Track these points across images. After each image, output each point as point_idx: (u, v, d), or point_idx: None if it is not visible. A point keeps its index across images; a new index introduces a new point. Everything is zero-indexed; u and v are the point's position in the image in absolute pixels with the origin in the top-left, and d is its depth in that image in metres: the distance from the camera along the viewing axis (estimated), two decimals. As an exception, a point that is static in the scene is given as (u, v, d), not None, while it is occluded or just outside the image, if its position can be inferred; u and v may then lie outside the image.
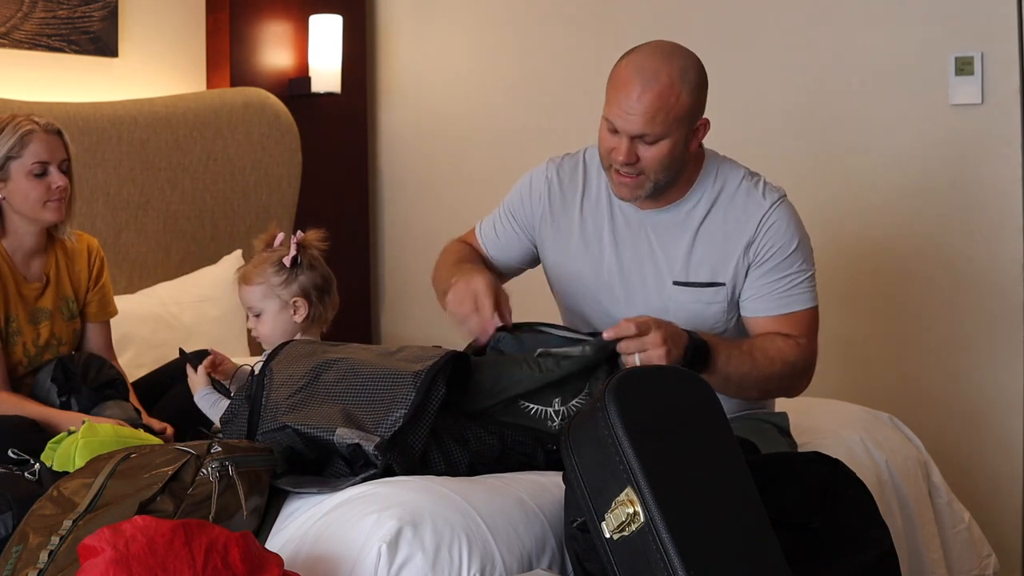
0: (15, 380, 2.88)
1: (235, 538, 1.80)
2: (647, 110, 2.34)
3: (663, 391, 1.99)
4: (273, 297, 2.60)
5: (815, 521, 2.08)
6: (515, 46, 4.32)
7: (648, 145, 2.37)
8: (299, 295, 2.60)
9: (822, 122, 3.65)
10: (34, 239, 2.93)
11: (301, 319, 2.60)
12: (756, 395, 2.53)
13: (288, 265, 2.60)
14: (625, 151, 2.37)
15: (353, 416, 2.14)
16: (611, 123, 2.39)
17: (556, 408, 2.25)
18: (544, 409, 2.25)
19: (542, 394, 2.25)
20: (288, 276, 2.60)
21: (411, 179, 4.64)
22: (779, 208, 2.48)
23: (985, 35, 3.34)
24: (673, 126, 2.36)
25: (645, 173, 2.41)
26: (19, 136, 2.83)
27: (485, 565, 1.94)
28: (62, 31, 3.93)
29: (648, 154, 2.38)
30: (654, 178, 2.42)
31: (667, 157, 2.39)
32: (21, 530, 2.01)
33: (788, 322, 2.47)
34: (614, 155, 2.40)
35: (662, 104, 2.34)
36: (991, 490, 3.38)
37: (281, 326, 2.60)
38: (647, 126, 2.35)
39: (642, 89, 2.34)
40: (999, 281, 3.37)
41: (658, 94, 2.34)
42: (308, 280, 2.61)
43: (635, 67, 2.37)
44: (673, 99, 2.35)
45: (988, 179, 3.38)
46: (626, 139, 2.37)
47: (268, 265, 2.61)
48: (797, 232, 2.49)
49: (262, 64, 4.34)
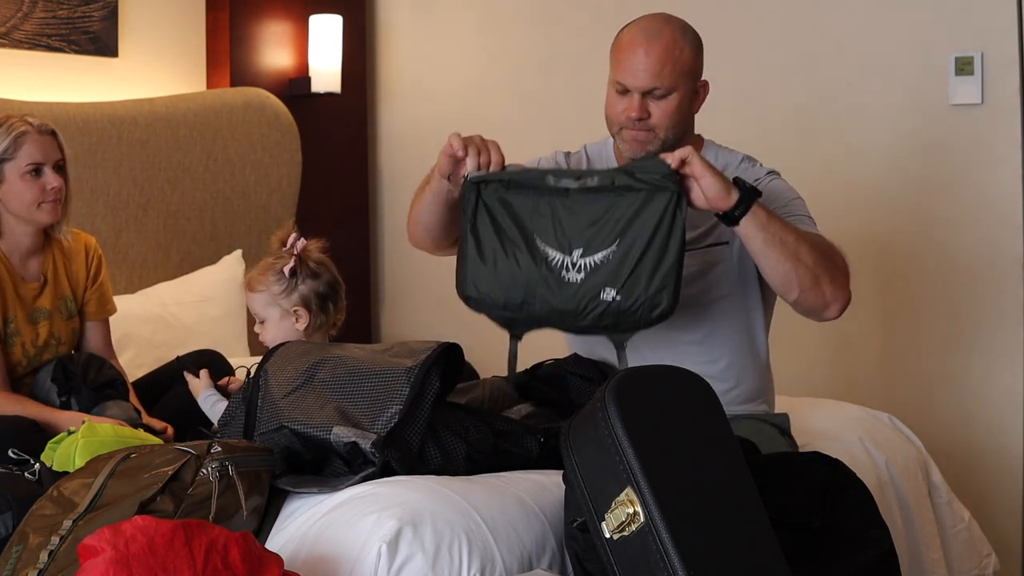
0: (15, 380, 2.88)
1: (235, 538, 1.80)
2: (655, 63, 2.44)
3: (663, 391, 1.99)
4: (274, 305, 2.62)
5: (815, 521, 2.08)
6: (515, 46, 4.32)
7: (658, 100, 2.46)
8: (299, 304, 2.61)
9: (822, 122, 3.65)
10: (31, 239, 2.93)
11: (303, 327, 2.61)
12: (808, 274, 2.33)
13: (288, 275, 2.61)
14: (637, 106, 2.45)
15: (349, 414, 2.14)
16: (621, 84, 2.47)
17: (575, 260, 2.24)
18: (564, 258, 2.25)
19: (564, 234, 2.25)
20: (288, 286, 2.61)
21: (411, 179, 4.60)
22: (777, 176, 2.57)
23: (985, 35, 3.34)
24: (680, 79, 2.46)
25: (655, 130, 2.48)
26: (12, 137, 2.83)
27: (485, 565, 1.94)
28: (62, 31, 3.93)
29: (658, 110, 2.46)
30: (664, 135, 2.48)
31: (676, 112, 2.47)
32: (21, 530, 2.02)
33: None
34: (626, 113, 2.47)
35: (668, 56, 2.44)
36: (991, 490, 3.38)
37: (283, 333, 2.61)
38: (656, 79, 2.44)
39: (648, 45, 2.45)
40: (999, 281, 3.37)
41: (664, 47, 2.45)
42: (309, 289, 2.62)
43: (638, 29, 2.50)
44: (678, 52, 2.46)
45: (988, 179, 3.37)
46: (637, 95, 2.46)
47: (270, 274, 2.63)
48: (795, 191, 2.55)
49: (262, 64, 4.34)
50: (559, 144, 2.84)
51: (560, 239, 2.26)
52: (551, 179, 2.29)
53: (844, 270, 2.44)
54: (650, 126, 2.47)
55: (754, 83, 3.72)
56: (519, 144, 4.26)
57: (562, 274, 2.25)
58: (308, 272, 2.63)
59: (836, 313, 2.43)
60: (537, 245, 2.27)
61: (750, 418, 2.55)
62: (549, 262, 2.26)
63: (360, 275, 4.59)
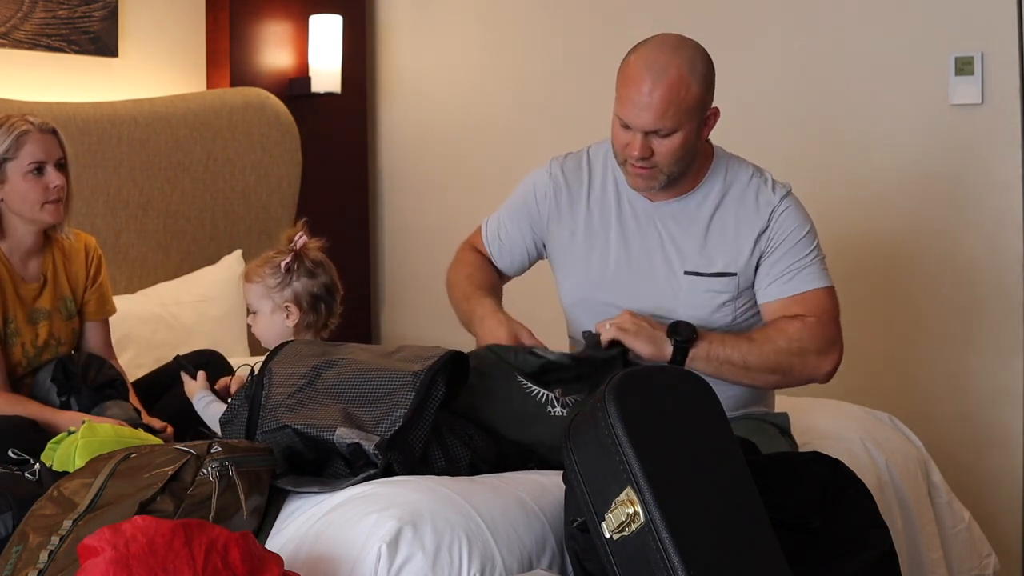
0: (15, 380, 2.88)
1: (235, 538, 1.80)
2: (659, 105, 2.37)
3: (663, 391, 1.99)
4: (267, 298, 2.63)
5: (815, 521, 2.08)
6: (515, 45, 4.32)
7: (661, 139, 2.41)
8: (291, 300, 2.61)
9: (822, 122, 3.65)
10: (32, 239, 2.93)
11: (292, 324, 2.61)
12: (763, 379, 2.47)
13: (283, 270, 2.61)
14: (639, 146, 2.41)
15: (353, 416, 2.15)
16: (623, 120, 2.42)
17: (558, 396, 2.27)
18: (546, 393, 2.27)
19: (542, 377, 2.29)
20: (283, 280, 2.62)
21: (411, 179, 4.64)
22: (788, 199, 2.54)
23: (985, 35, 3.34)
24: (684, 118, 2.39)
25: (659, 166, 2.44)
26: (14, 137, 2.83)
27: (485, 565, 1.94)
28: (62, 31, 3.93)
29: (662, 148, 2.42)
30: (667, 171, 2.46)
31: (680, 149, 2.43)
32: (21, 530, 2.01)
33: (797, 303, 2.49)
34: (628, 151, 2.43)
35: (673, 98, 2.37)
36: (991, 490, 3.38)
37: (273, 328, 2.62)
38: (659, 121, 2.38)
39: (652, 85, 2.37)
40: (999, 281, 3.37)
41: (668, 88, 2.37)
42: (303, 287, 2.62)
43: (644, 63, 2.40)
44: (683, 92, 2.38)
45: (988, 179, 3.37)
46: (639, 135, 2.40)
47: (267, 267, 2.64)
48: (807, 221, 2.55)
49: (262, 64, 4.34)
50: (560, 144, 2.84)
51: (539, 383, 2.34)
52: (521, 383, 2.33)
53: (817, 347, 2.47)
54: (653, 163, 2.44)
55: (754, 84, 3.72)
56: (519, 144, 4.28)
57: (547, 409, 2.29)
58: (304, 270, 2.63)
59: (823, 381, 2.55)
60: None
61: (750, 418, 2.56)
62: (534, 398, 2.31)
63: (360, 275, 4.59)
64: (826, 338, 2.48)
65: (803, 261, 2.51)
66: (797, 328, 2.45)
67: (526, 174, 2.74)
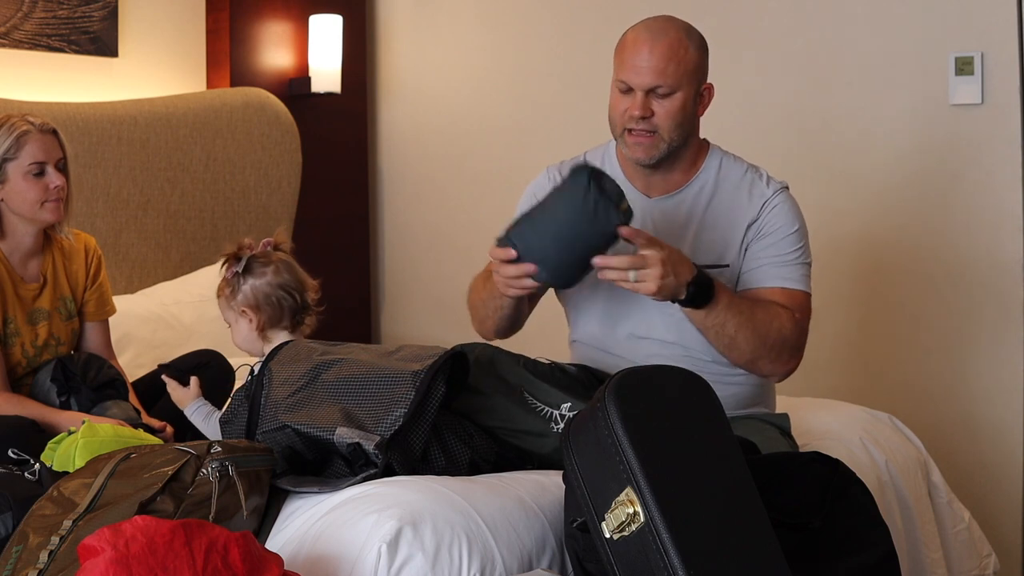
0: (14, 380, 2.88)
1: (235, 538, 1.80)
2: (659, 61, 2.43)
3: (663, 391, 1.99)
4: (229, 308, 2.65)
5: (815, 521, 2.08)
6: (515, 46, 4.32)
7: (661, 99, 2.45)
8: (244, 304, 2.61)
9: (822, 122, 3.65)
10: (32, 240, 2.93)
11: (256, 327, 2.59)
12: (743, 356, 2.46)
13: (229, 277, 2.63)
14: (640, 104, 2.45)
15: (353, 415, 2.15)
16: (624, 83, 2.47)
17: (564, 413, 2.27)
18: (551, 411, 2.27)
19: (549, 394, 2.29)
20: (234, 287, 2.62)
21: (411, 179, 4.64)
22: (782, 194, 2.56)
23: (985, 35, 3.34)
24: (684, 79, 2.45)
25: (659, 132, 2.47)
26: (15, 137, 2.83)
27: (485, 565, 1.94)
28: (62, 31, 3.93)
29: (662, 109, 2.46)
30: (668, 137, 2.47)
31: (679, 113, 2.46)
32: (21, 530, 2.01)
33: (785, 295, 2.49)
34: (629, 112, 2.46)
35: (672, 55, 2.44)
36: (991, 490, 3.38)
37: (242, 335, 2.62)
38: (660, 77, 2.43)
39: (653, 43, 2.45)
40: (999, 281, 3.37)
41: (668, 46, 2.44)
42: (251, 288, 2.60)
43: (643, 27, 2.49)
44: (683, 51, 2.45)
45: (988, 179, 3.37)
46: (640, 94, 2.45)
47: (222, 280, 2.66)
48: (798, 219, 2.55)
49: (262, 64, 4.34)
50: (560, 144, 2.85)
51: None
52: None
53: (790, 349, 2.47)
54: (653, 126, 2.46)
55: (754, 83, 3.73)
56: (519, 144, 4.28)
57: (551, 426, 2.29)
58: (253, 271, 2.62)
59: (776, 380, 2.57)
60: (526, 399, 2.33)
61: (750, 418, 2.55)
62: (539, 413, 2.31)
63: (360, 275, 4.59)
64: (800, 340, 2.50)
65: (788, 256, 2.51)
66: (789, 320, 2.45)
67: (526, 174, 2.75)
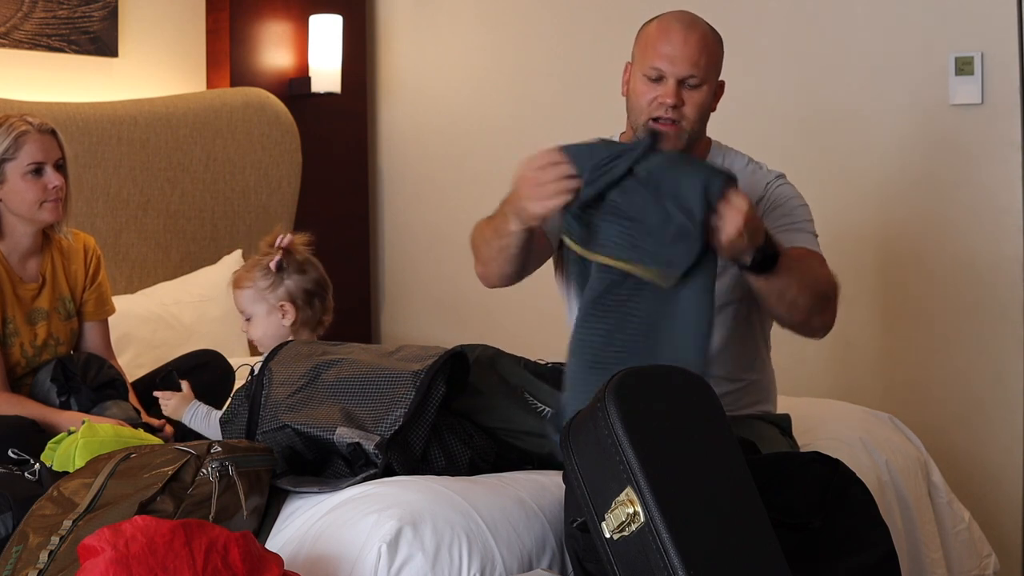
0: (14, 380, 2.88)
1: (235, 538, 1.80)
2: (694, 51, 2.42)
3: (663, 391, 1.99)
4: (261, 301, 2.63)
5: (815, 521, 2.08)
6: (515, 45, 4.32)
7: (691, 90, 2.44)
8: (286, 299, 2.61)
9: (822, 122, 3.65)
10: (31, 240, 2.93)
11: (289, 323, 2.61)
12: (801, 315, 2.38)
13: (274, 269, 2.61)
14: (673, 92, 2.42)
15: (353, 415, 2.15)
16: (656, 70, 2.43)
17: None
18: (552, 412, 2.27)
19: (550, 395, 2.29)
20: (275, 280, 2.62)
21: (411, 179, 4.64)
22: (783, 179, 2.58)
23: (985, 35, 3.34)
24: (711, 72, 2.45)
25: (685, 120, 2.45)
26: (13, 137, 2.83)
27: (485, 565, 1.94)
28: (62, 31, 3.93)
29: (691, 99, 2.44)
30: (690, 127, 2.46)
31: (704, 106, 2.46)
32: (21, 530, 2.02)
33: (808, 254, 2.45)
34: (659, 100, 2.43)
35: (706, 45, 2.44)
36: (991, 490, 3.38)
37: (270, 330, 2.62)
38: (694, 67, 2.42)
39: (687, 33, 2.43)
40: (999, 281, 3.37)
41: (701, 36, 2.44)
42: (295, 284, 2.62)
43: (672, 19, 2.47)
44: (712, 44, 2.46)
45: (988, 179, 3.37)
46: (673, 81, 2.43)
47: (256, 269, 2.64)
48: (802, 199, 2.56)
49: (262, 64, 4.34)
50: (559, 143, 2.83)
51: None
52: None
53: (834, 298, 2.44)
54: (680, 115, 2.44)
55: (754, 83, 3.72)
56: (519, 144, 4.26)
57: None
58: (295, 267, 2.63)
59: (820, 337, 2.51)
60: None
61: (750, 418, 2.55)
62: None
63: (360, 275, 4.59)
64: (837, 289, 2.45)
65: (801, 224, 2.50)
66: (823, 265, 2.43)
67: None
